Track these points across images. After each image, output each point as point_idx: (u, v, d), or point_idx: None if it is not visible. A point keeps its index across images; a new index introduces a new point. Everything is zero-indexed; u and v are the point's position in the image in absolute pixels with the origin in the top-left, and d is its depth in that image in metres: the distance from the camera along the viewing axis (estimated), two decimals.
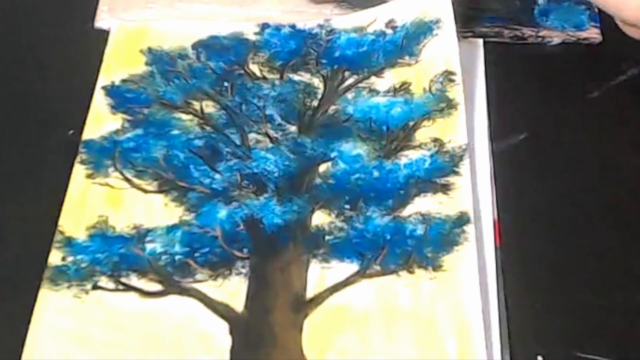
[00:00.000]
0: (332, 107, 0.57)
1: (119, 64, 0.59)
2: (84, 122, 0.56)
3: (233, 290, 0.49)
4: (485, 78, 0.59)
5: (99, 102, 0.57)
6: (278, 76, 0.59)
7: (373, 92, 0.58)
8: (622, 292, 0.50)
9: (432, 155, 0.54)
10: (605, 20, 0.62)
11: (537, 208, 0.53)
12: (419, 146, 0.55)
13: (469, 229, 0.51)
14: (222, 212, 0.52)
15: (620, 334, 0.48)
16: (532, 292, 0.50)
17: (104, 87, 0.58)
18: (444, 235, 0.51)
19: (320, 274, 0.50)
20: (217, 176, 0.54)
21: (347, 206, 0.52)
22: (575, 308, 0.49)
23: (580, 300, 0.49)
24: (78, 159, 0.55)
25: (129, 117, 0.57)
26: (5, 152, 0.57)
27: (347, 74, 0.59)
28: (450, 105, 0.56)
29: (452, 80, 0.57)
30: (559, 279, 0.50)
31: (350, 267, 0.50)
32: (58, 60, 0.61)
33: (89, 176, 0.54)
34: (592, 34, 0.61)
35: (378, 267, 0.50)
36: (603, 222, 0.53)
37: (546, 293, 0.49)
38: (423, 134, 0.55)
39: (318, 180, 0.54)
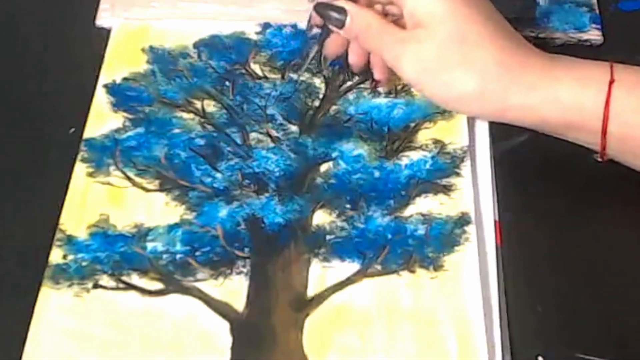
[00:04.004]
0: (334, 107, 0.57)
1: (121, 63, 0.59)
2: (85, 120, 0.56)
3: (234, 289, 0.49)
4: None
5: (101, 100, 0.57)
6: (279, 76, 0.59)
7: (374, 92, 0.58)
8: (622, 293, 0.50)
9: (433, 156, 0.54)
10: (606, 21, 0.62)
11: (537, 208, 0.53)
12: (420, 147, 0.55)
13: (470, 229, 0.51)
14: (223, 211, 0.52)
15: (619, 334, 0.48)
16: (533, 292, 0.50)
17: (105, 86, 0.58)
18: (445, 236, 0.51)
19: (321, 274, 0.50)
20: (218, 175, 0.54)
21: (348, 206, 0.52)
22: (576, 308, 0.49)
23: (580, 300, 0.49)
24: (79, 157, 0.55)
25: (130, 116, 0.57)
26: (6, 150, 0.56)
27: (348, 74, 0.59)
28: None
29: None
30: (560, 279, 0.50)
31: (351, 267, 0.50)
32: (59, 58, 0.61)
33: (90, 175, 0.54)
34: (594, 35, 0.61)
35: (379, 267, 0.50)
36: (603, 222, 0.53)
37: (547, 293, 0.50)
38: (424, 135, 0.55)
39: (319, 180, 0.54)
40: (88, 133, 0.56)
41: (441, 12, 0.49)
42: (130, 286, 0.49)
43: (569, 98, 0.48)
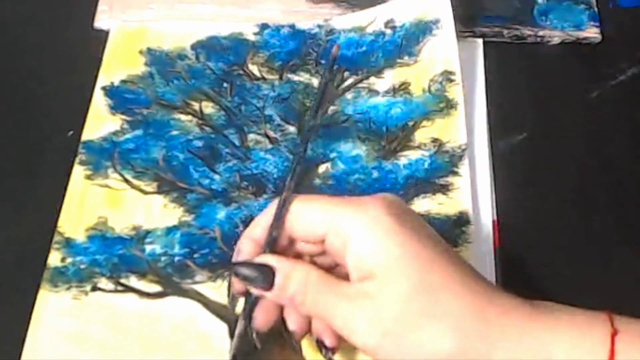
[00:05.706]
0: (332, 108, 0.57)
1: (119, 65, 0.59)
2: (83, 123, 0.56)
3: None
4: (485, 78, 0.59)
5: (99, 102, 0.57)
6: (277, 77, 0.59)
7: (372, 92, 0.58)
8: (621, 293, 0.50)
9: (431, 156, 0.54)
10: (605, 19, 0.62)
11: (536, 208, 0.53)
12: (419, 146, 0.55)
13: (469, 229, 0.51)
14: (221, 213, 0.52)
15: None
16: (531, 292, 0.49)
17: (103, 88, 0.58)
18: (443, 236, 0.50)
19: None
20: (217, 177, 0.54)
21: None
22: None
23: (579, 301, 0.49)
24: (77, 160, 0.55)
25: (128, 118, 0.57)
26: (4, 152, 0.56)
27: (346, 74, 0.59)
28: (450, 105, 0.56)
29: (451, 80, 0.57)
30: (558, 279, 0.50)
31: None
32: (57, 61, 0.61)
33: (88, 177, 0.54)
34: (592, 33, 0.61)
35: None
36: (602, 222, 0.53)
37: (545, 293, 0.49)
38: (422, 134, 0.55)
39: (317, 181, 0.54)
40: (86, 136, 0.56)
41: (398, 257, 0.39)
42: (128, 289, 0.49)
43: (565, 356, 0.38)
